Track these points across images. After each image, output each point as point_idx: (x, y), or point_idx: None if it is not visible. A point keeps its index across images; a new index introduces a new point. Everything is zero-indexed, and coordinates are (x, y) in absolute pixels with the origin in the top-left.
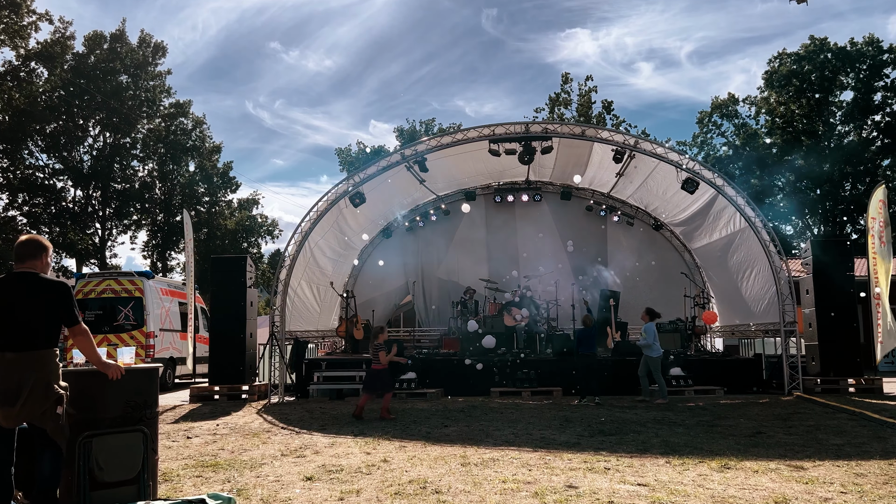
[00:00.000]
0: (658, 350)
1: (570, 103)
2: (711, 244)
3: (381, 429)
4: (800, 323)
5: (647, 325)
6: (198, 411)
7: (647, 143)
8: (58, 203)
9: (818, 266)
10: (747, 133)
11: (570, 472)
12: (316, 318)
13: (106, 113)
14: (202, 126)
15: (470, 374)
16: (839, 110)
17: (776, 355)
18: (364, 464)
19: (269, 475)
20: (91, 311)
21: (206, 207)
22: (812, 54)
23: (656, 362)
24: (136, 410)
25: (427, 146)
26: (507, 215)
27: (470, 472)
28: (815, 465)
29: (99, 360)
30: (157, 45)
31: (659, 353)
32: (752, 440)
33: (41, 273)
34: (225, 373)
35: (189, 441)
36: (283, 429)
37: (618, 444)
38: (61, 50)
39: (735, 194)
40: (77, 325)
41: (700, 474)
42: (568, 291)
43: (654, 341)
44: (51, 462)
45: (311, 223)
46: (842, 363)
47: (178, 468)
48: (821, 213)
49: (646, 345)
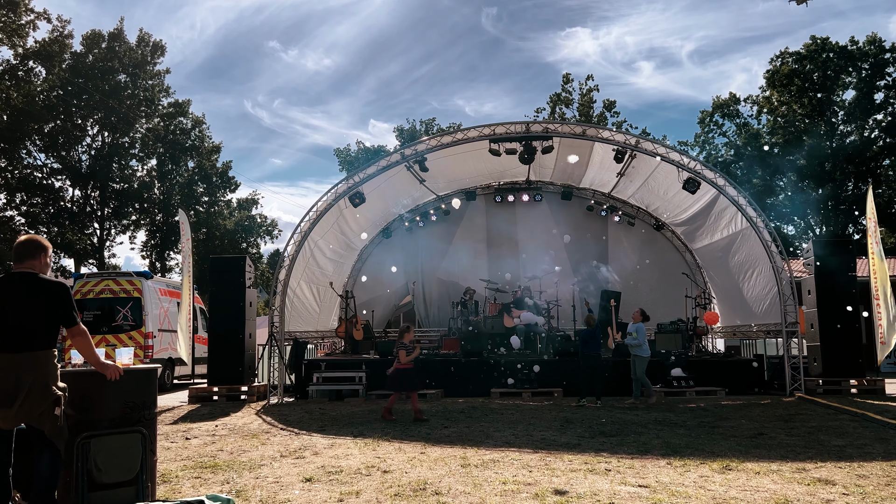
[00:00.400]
0: (647, 350)
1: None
2: (713, 244)
3: (380, 430)
4: (801, 323)
5: (638, 325)
6: (196, 412)
7: (648, 143)
8: (56, 203)
9: (820, 266)
10: (749, 133)
11: (570, 474)
12: (315, 319)
13: (104, 112)
14: (201, 126)
15: (470, 375)
16: (841, 110)
17: (778, 356)
18: (364, 465)
19: (268, 476)
20: (89, 311)
21: (205, 207)
22: (814, 53)
23: (645, 362)
24: (135, 411)
25: (427, 146)
26: (507, 215)
27: (470, 473)
28: (817, 467)
29: (97, 360)
30: (155, 44)
31: (648, 353)
32: (753, 441)
33: (40, 273)
34: (224, 373)
35: (188, 442)
36: (283, 430)
37: (619, 446)
38: (59, 49)
39: (736, 194)
40: (75, 325)
41: (701, 476)
42: (568, 292)
43: (644, 341)
44: (49, 463)
45: (311, 223)
46: (844, 364)
47: (176, 469)
48: (822, 213)
49: (636, 344)
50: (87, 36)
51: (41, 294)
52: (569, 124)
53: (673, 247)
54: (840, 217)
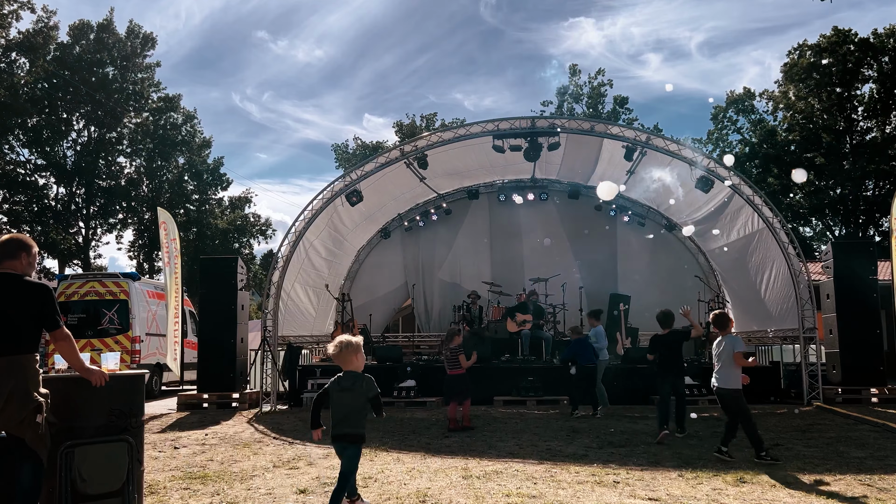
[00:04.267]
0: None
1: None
2: (727, 246)
3: (378, 439)
4: (820, 329)
5: (597, 329)
6: (186, 420)
7: (659, 140)
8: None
9: (839, 269)
10: (764, 129)
11: (577, 486)
12: (310, 323)
13: (91, 106)
14: (193, 121)
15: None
16: (860, 105)
17: (795, 363)
18: (361, 476)
19: (260, 488)
20: (74, 314)
21: (195, 206)
22: (834, 46)
23: (603, 367)
24: (121, 419)
25: (428, 142)
26: (511, 215)
27: (472, 485)
28: (835, 480)
29: (82, 365)
30: (146, 35)
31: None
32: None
33: (22, 274)
34: (214, 380)
35: (176, 451)
36: (276, 439)
37: (628, 457)
38: (44, 40)
39: (752, 193)
40: (59, 329)
41: (714, 488)
42: (576, 295)
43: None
44: (30, 473)
45: (306, 223)
46: (864, 372)
47: (164, 480)
48: (842, 214)
49: (600, 348)
50: (75, 26)
51: (22, 296)
52: (576, 120)
53: (685, 248)
54: (860, 218)
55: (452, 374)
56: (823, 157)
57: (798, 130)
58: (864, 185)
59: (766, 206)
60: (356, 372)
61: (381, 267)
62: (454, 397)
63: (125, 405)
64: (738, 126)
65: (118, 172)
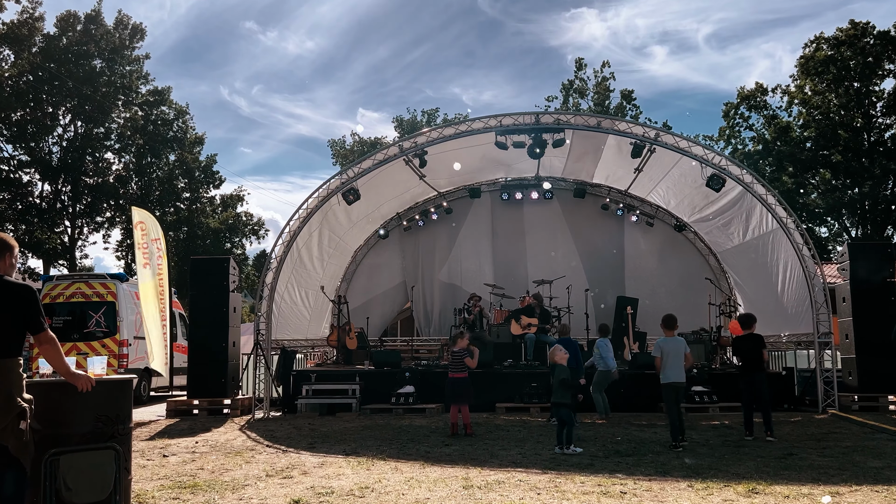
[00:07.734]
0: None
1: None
2: (739, 247)
3: (375, 448)
4: (835, 334)
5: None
6: (175, 427)
7: (668, 136)
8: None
9: (856, 271)
10: (778, 126)
11: (582, 497)
12: (305, 326)
13: (78, 100)
14: (185, 116)
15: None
16: (880, 101)
17: (809, 369)
18: (357, 486)
19: (252, 498)
20: (59, 316)
21: (186, 204)
22: (853, 39)
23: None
24: (108, 425)
25: (428, 138)
26: (514, 214)
27: (473, 495)
28: (851, 491)
29: (67, 370)
30: (135, 26)
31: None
32: (782, 462)
33: (3, 275)
34: (205, 385)
35: (165, 459)
36: (269, 447)
37: (635, 466)
38: (29, 32)
39: (765, 192)
40: (43, 332)
41: (725, 499)
42: (581, 298)
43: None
44: (13, 482)
45: (301, 222)
46: (882, 378)
47: (153, 489)
48: (859, 214)
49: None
50: (62, 17)
51: (5, 298)
52: (582, 115)
53: (695, 249)
54: (878, 217)
55: (455, 378)
56: (840, 154)
57: (814, 127)
58: (884, 185)
59: (779, 206)
60: None
61: (379, 268)
62: (456, 401)
63: (112, 411)
64: (751, 123)
65: (106, 169)
